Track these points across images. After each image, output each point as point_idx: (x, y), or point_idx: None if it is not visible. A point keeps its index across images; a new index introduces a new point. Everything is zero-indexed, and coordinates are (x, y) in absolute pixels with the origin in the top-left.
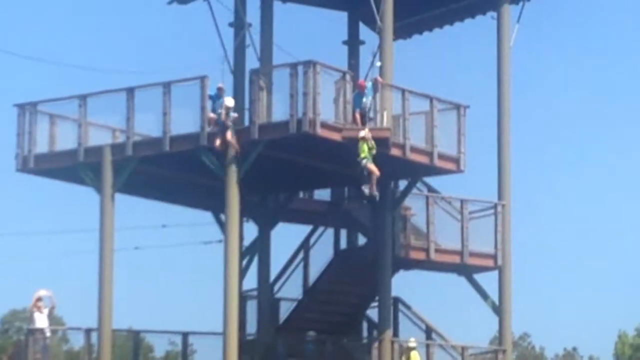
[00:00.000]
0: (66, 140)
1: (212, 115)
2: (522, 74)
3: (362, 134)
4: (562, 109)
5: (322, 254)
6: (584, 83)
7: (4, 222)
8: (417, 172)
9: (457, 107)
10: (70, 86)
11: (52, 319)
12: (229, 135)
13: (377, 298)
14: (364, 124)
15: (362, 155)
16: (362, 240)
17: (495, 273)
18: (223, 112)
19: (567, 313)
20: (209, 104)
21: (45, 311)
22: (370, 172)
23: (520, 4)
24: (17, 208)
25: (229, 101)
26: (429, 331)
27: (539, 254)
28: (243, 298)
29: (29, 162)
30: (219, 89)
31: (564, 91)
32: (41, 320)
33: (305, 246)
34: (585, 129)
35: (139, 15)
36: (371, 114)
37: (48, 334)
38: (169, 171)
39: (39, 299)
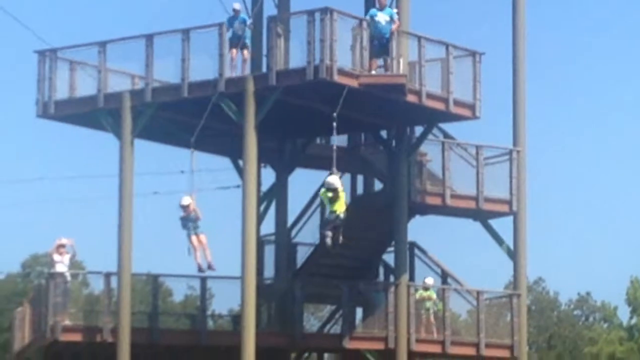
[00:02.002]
0: (86, 86)
1: (234, 51)
2: (538, 23)
3: (333, 184)
4: (578, 57)
5: None
6: (601, 30)
7: (24, 168)
8: (432, 118)
9: (473, 54)
10: (90, 33)
11: (73, 263)
12: (246, 54)
13: (393, 243)
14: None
15: (336, 209)
16: (378, 185)
17: (510, 218)
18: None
19: (581, 258)
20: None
21: (67, 257)
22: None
23: None
24: (38, 154)
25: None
26: (444, 276)
27: (553, 200)
28: (261, 243)
29: (49, 108)
30: (235, 11)
31: (580, 38)
32: (62, 265)
33: None
34: (602, 75)
35: None
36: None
37: (68, 278)
38: (188, 117)
39: (61, 245)
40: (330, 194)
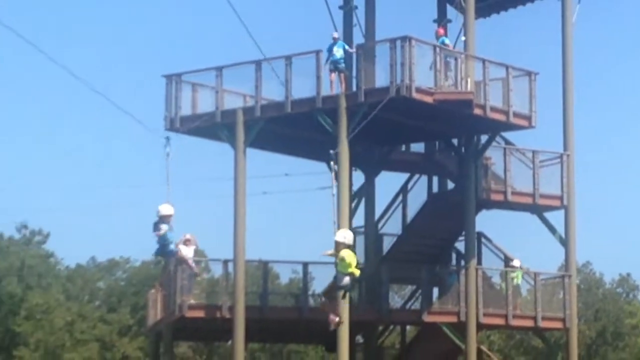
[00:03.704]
0: (206, 104)
1: (333, 75)
2: (585, 45)
3: (342, 238)
4: (622, 75)
5: (417, 197)
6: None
7: (152, 173)
8: (495, 128)
9: (529, 73)
10: (207, 58)
11: (196, 252)
12: (343, 77)
13: (463, 233)
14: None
15: (349, 268)
16: (450, 185)
17: (562, 212)
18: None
19: (623, 244)
20: (324, 55)
21: (192, 248)
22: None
23: None
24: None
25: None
26: (506, 260)
27: (599, 195)
28: (353, 234)
29: (175, 122)
30: (334, 38)
31: (623, 58)
32: (187, 253)
33: (403, 190)
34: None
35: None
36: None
37: (193, 264)
38: (291, 129)
39: (187, 239)
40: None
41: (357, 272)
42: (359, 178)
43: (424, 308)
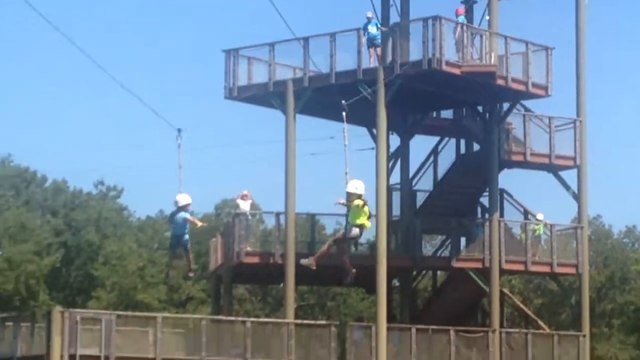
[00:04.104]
0: (260, 75)
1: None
2: (597, 24)
3: (354, 189)
4: (632, 50)
5: (446, 158)
6: None
7: (216, 136)
8: (516, 96)
9: (546, 48)
10: (263, 34)
11: (252, 206)
12: (379, 51)
13: (487, 189)
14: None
15: (358, 219)
16: (476, 147)
17: (575, 170)
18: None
19: (630, 199)
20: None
21: (248, 202)
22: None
23: None
24: (225, 126)
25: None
26: (525, 213)
27: (608, 155)
28: (390, 190)
29: (233, 92)
30: (368, 18)
31: (635, 37)
32: (244, 207)
33: (434, 152)
34: None
35: None
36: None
37: (249, 217)
38: (335, 97)
39: (244, 195)
40: (361, 203)
41: (368, 224)
42: (395, 141)
43: (452, 255)
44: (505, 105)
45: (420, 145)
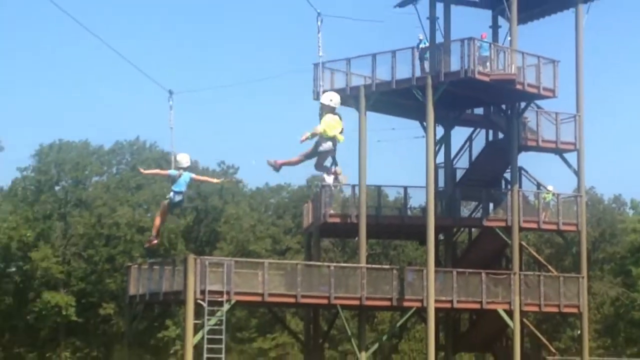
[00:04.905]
0: (339, 82)
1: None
2: (594, 42)
3: (328, 101)
4: (625, 64)
5: (479, 143)
6: None
7: (306, 129)
8: (531, 97)
9: (553, 61)
10: (341, 51)
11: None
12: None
13: (509, 167)
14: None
15: (330, 132)
16: (500, 135)
17: (575, 153)
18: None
19: (617, 174)
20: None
21: (331, 177)
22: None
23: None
24: (313, 121)
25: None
26: (538, 185)
27: (601, 141)
28: (436, 168)
29: (320, 94)
30: (420, 39)
31: (629, 53)
32: (329, 180)
33: (469, 139)
34: None
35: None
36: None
37: (333, 188)
38: (396, 99)
39: (333, 172)
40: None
41: (341, 138)
42: (439, 131)
43: (483, 217)
44: (522, 104)
45: (459, 134)
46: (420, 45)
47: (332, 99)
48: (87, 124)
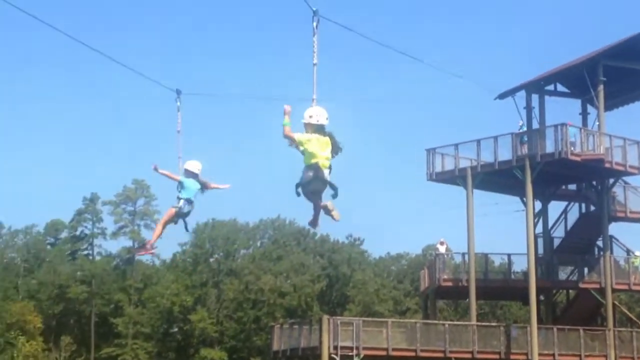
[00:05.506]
0: (449, 164)
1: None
2: None
3: (307, 118)
4: None
5: (573, 215)
6: None
7: (420, 204)
8: (618, 174)
9: (637, 142)
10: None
11: (446, 249)
12: (526, 147)
13: (601, 236)
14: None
15: (312, 158)
16: (592, 208)
17: None
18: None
19: None
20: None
21: (444, 246)
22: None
23: None
24: (427, 199)
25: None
26: (627, 251)
27: None
28: (536, 238)
29: (432, 175)
30: (519, 125)
31: None
32: (441, 250)
33: (564, 211)
34: None
35: (469, 105)
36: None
37: (445, 256)
38: (498, 178)
39: (441, 242)
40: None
41: (325, 164)
42: (538, 205)
43: (579, 279)
44: (611, 180)
45: (555, 207)
46: (519, 131)
47: (311, 115)
48: (234, 204)
